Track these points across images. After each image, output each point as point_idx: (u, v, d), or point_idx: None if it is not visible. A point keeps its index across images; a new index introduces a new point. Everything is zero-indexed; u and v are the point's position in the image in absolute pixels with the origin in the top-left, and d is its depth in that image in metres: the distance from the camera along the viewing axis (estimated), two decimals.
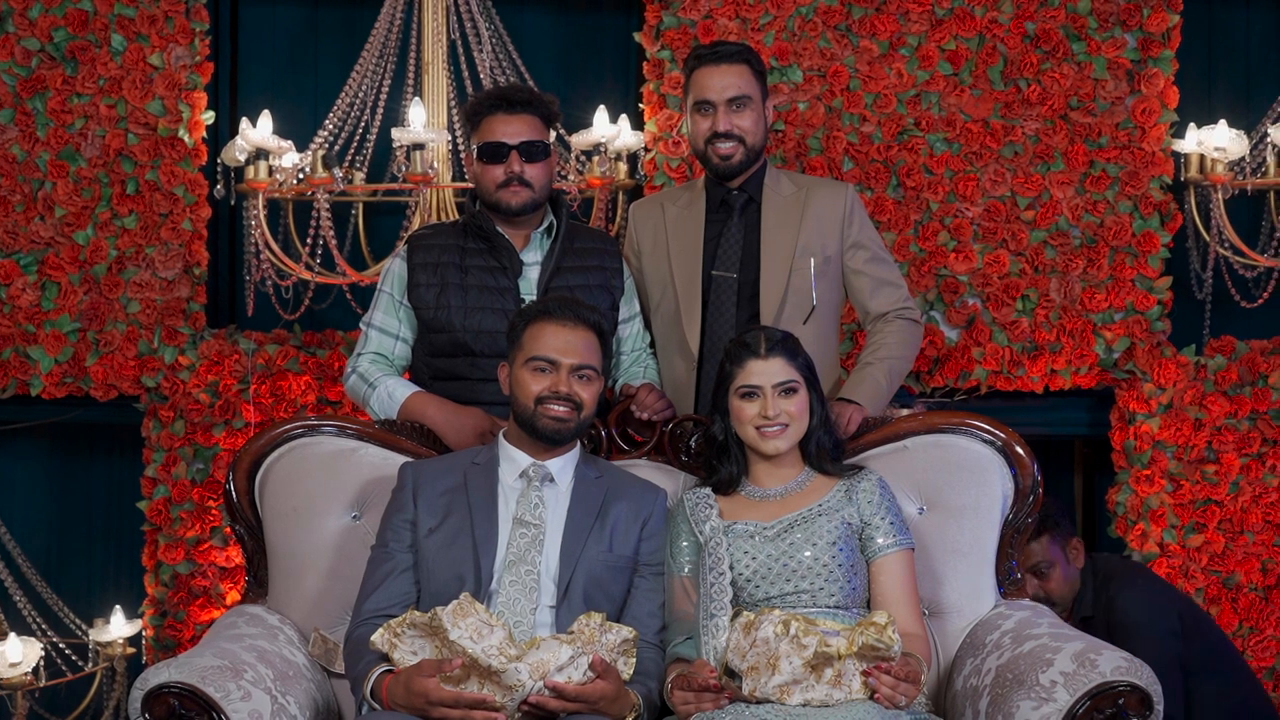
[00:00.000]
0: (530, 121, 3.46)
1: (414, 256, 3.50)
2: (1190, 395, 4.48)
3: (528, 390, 3.07)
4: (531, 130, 3.45)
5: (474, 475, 3.12)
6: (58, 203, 4.49)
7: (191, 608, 4.48)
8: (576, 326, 3.08)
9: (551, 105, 3.53)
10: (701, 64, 3.55)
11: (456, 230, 3.54)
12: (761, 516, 3.07)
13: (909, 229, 4.49)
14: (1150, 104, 4.48)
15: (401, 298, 3.52)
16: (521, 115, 3.46)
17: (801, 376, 3.11)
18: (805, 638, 2.77)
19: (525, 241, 3.51)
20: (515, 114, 3.45)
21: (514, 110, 3.45)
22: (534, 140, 3.44)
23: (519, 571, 3.01)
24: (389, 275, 3.55)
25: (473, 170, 3.51)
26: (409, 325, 3.52)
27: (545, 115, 3.50)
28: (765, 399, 3.07)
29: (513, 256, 3.47)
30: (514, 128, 3.44)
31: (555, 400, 3.05)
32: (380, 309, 3.55)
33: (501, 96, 3.49)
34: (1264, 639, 4.47)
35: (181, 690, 2.83)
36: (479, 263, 3.47)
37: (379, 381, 3.48)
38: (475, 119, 3.50)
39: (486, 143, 3.44)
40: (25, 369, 4.49)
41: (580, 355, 3.07)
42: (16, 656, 4.34)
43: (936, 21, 4.50)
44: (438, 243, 3.51)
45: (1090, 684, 2.83)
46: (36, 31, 4.49)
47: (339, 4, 4.85)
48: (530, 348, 3.07)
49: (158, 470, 4.51)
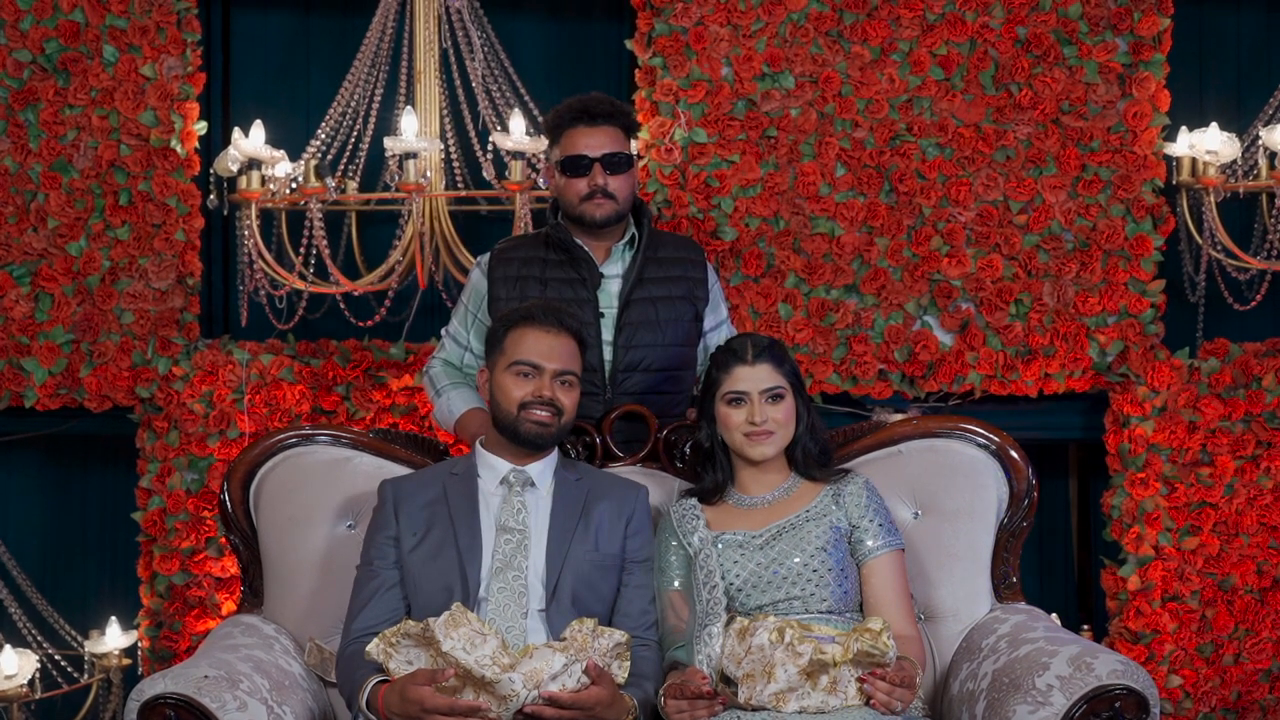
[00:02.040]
0: (612, 133, 3.47)
1: (495, 270, 3.52)
2: (1184, 398, 4.49)
3: (510, 395, 3.08)
4: (613, 142, 3.46)
5: (453, 485, 3.12)
6: (50, 214, 4.49)
7: (187, 618, 4.47)
8: (560, 333, 3.10)
9: (632, 115, 3.55)
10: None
11: (538, 241, 3.55)
12: (749, 525, 3.07)
13: (902, 234, 4.49)
14: (1142, 107, 4.49)
15: (476, 311, 3.56)
16: (603, 127, 3.46)
17: (788, 383, 3.11)
18: (800, 645, 2.77)
19: (606, 254, 3.53)
20: (597, 126, 3.46)
21: (596, 123, 3.46)
22: (616, 152, 3.45)
23: (506, 578, 3.01)
24: (468, 287, 3.60)
25: (555, 183, 3.51)
26: (478, 337, 3.54)
27: (626, 126, 3.51)
28: (752, 405, 3.08)
29: (592, 269, 3.48)
30: (596, 140, 3.44)
31: (539, 405, 3.06)
32: (456, 318, 3.62)
33: (583, 109, 3.48)
34: (1260, 641, 4.47)
35: (177, 701, 2.83)
36: (559, 274, 3.49)
37: (444, 391, 3.55)
38: (556, 132, 3.50)
39: (569, 156, 3.44)
40: (19, 381, 4.49)
41: (563, 361, 3.09)
42: (12, 669, 4.33)
43: (928, 27, 4.51)
44: (519, 255, 3.52)
45: (1086, 688, 2.84)
46: (28, 43, 4.49)
47: (330, 13, 4.85)
48: (513, 352, 3.08)
49: (152, 481, 4.50)
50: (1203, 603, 4.47)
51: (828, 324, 4.47)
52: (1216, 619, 4.47)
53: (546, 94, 4.73)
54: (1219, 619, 4.47)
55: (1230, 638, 4.47)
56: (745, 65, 4.48)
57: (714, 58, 4.50)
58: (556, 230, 3.50)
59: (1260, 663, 4.47)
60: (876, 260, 4.49)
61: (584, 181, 3.44)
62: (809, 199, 4.49)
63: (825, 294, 4.49)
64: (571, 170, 3.45)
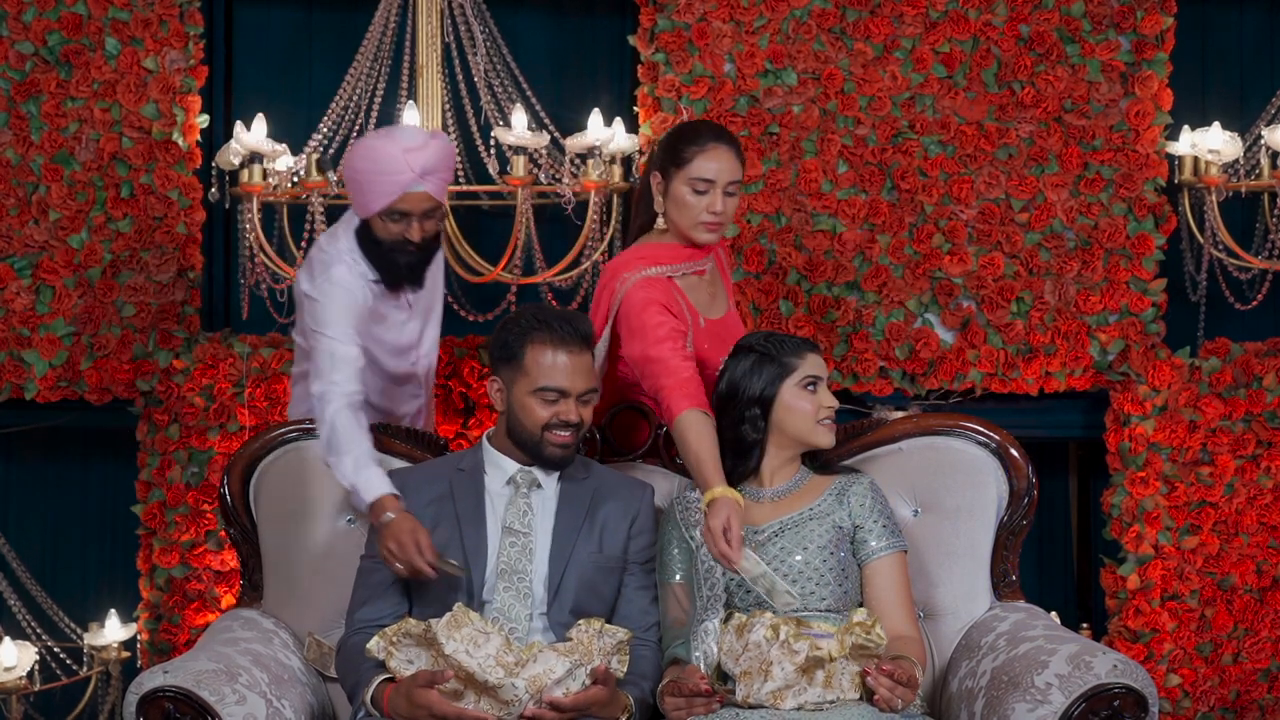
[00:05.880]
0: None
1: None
2: (1185, 397, 4.49)
3: (535, 417, 3.04)
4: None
5: (460, 483, 3.11)
6: (52, 206, 4.49)
7: (186, 612, 4.47)
8: (580, 350, 3.05)
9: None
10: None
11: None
12: (752, 520, 3.07)
13: (904, 231, 4.49)
14: (1144, 106, 4.49)
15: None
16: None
17: None
18: (796, 643, 2.77)
19: None
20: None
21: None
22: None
23: (511, 579, 3.01)
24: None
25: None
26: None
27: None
28: (824, 390, 3.09)
29: None
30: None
31: (563, 428, 3.04)
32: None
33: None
34: (1259, 640, 4.47)
35: (176, 694, 2.83)
36: None
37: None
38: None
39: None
40: (19, 373, 4.49)
41: (586, 380, 3.06)
42: (11, 661, 4.33)
43: (930, 24, 4.50)
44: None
45: (1085, 686, 2.84)
46: (30, 35, 4.49)
47: (333, 7, 4.85)
48: (536, 376, 3.03)
49: (152, 474, 4.50)
50: (1202, 602, 4.48)
51: (829, 321, 4.47)
52: (1216, 618, 4.47)
53: (549, 90, 4.74)
54: (1218, 618, 4.47)
55: (1229, 637, 4.47)
56: (748, 62, 4.48)
57: (716, 54, 4.50)
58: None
59: (1259, 662, 4.48)
60: (878, 257, 4.49)
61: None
62: (811, 196, 4.49)
63: (826, 291, 4.49)
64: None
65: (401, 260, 3.46)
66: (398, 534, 2.98)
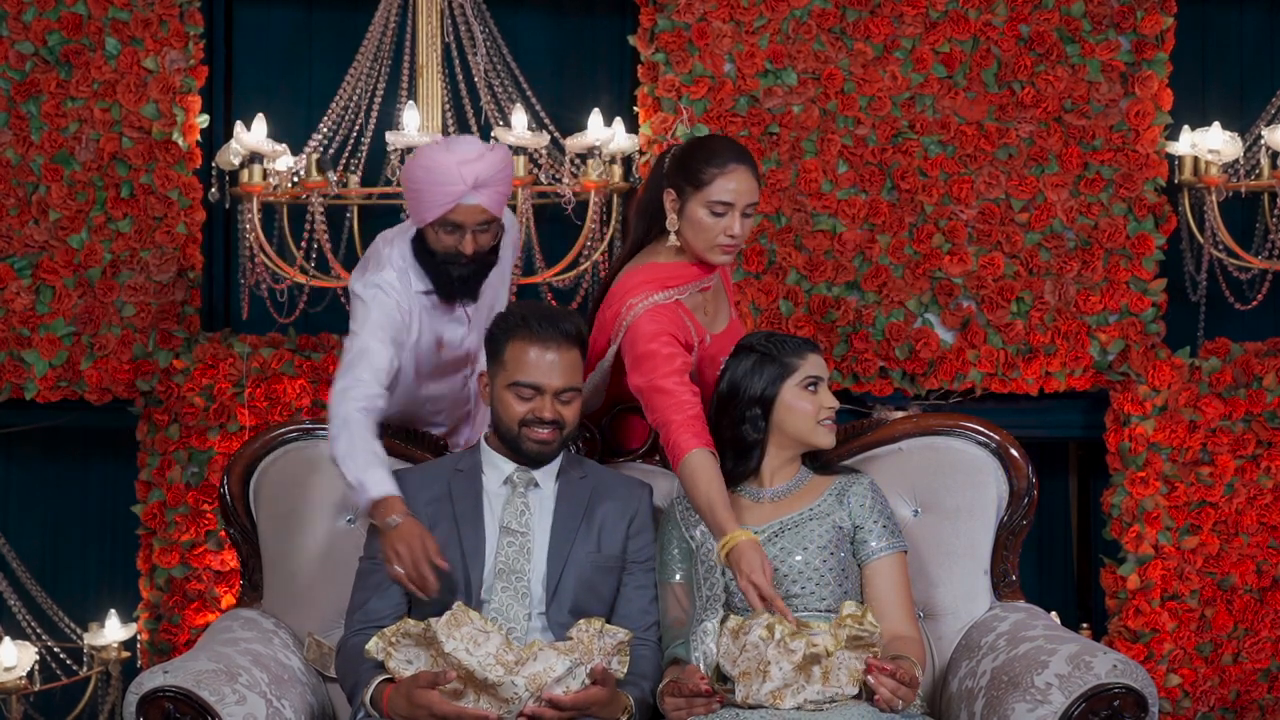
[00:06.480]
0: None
1: None
2: (1185, 397, 4.49)
3: (511, 412, 3.04)
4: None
5: (458, 483, 3.11)
6: (52, 206, 4.49)
7: (186, 612, 4.47)
8: (560, 347, 3.03)
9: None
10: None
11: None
12: (753, 521, 3.06)
13: (904, 231, 4.49)
14: (1144, 106, 4.49)
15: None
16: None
17: None
18: (792, 642, 2.77)
19: None
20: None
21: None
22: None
23: (509, 580, 3.01)
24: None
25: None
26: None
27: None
28: (825, 390, 3.09)
29: None
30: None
31: (539, 424, 3.04)
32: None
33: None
34: (1259, 641, 4.47)
35: (176, 694, 2.83)
36: None
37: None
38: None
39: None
40: (19, 373, 4.49)
41: (564, 378, 3.03)
42: (11, 661, 4.33)
43: (930, 24, 4.50)
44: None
45: (1085, 686, 2.84)
46: (30, 35, 4.49)
47: (333, 7, 4.85)
48: (513, 370, 3.03)
49: (152, 474, 4.50)
50: (1202, 602, 4.48)
51: (829, 321, 4.47)
52: (1216, 618, 4.47)
53: (549, 89, 4.73)
54: (1218, 618, 4.47)
55: (1229, 637, 4.48)
56: (748, 62, 4.48)
57: (716, 54, 4.50)
58: None
59: (1259, 662, 4.48)
60: (878, 257, 4.49)
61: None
62: (811, 196, 4.49)
63: (826, 291, 4.49)
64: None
65: (454, 272, 3.38)
66: (407, 538, 2.96)
